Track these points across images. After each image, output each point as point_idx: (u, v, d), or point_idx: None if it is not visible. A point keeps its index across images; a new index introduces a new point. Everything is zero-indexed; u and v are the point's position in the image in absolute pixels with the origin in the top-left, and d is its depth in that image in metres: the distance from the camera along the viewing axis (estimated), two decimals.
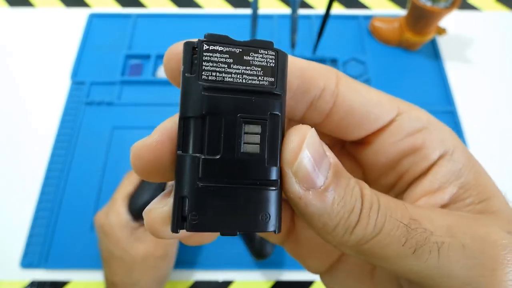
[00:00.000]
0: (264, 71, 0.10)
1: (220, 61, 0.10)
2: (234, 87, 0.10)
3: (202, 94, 0.09)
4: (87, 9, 0.63)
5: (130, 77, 0.54)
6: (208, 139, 0.09)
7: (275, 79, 0.10)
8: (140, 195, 0.37)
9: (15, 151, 0.50)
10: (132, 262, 0.35)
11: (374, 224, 0.10)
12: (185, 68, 0.10)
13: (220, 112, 0.09)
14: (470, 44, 0.60)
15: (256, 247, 0.38)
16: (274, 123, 0.10)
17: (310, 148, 0.10)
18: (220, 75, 0.10)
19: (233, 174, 0.09)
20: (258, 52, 0.10)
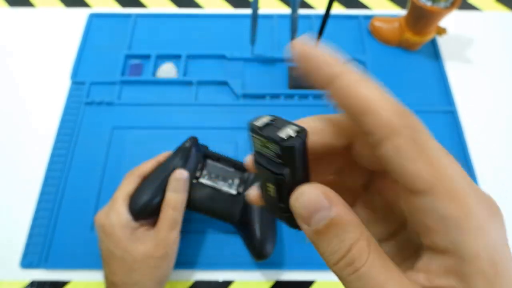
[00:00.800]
0: (277, 156, 0.14)
1: (257, 143, 0.15)
2: (262, 163, 0.15)
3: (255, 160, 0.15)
4: (87, 9, 0.63)
5: (130, 77, 0.54)
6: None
7: (282, 166, 0.14)
8: (140, 195, 0.37)
9: (15, 151, 0.50)
10: (133, 262, 0.35)
11: (347, 277, 0.13)
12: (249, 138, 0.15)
13: (259, 170, 0.16)
14: (470, 44, 0.60)
15: (256, 248, 0.38)
16: (280, 184, 0.15)
17: (309, 201, 0.13)
18: (259, 151, 0.15)
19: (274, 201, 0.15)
20: (271, 144, 0.14)
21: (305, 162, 0.14)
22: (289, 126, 0.14)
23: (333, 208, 0.13)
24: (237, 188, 0.41)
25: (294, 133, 0.14)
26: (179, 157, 0.39)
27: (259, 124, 0.14)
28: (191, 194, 0.39)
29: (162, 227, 0.36)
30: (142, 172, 0.39)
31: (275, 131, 0.14)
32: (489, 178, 0.48)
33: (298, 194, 0.14)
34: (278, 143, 0.13)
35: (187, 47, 0.57)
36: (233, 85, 0.53)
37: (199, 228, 0.45)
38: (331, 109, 0.16)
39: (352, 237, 0.13)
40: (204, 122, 0.51)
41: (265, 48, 0.58)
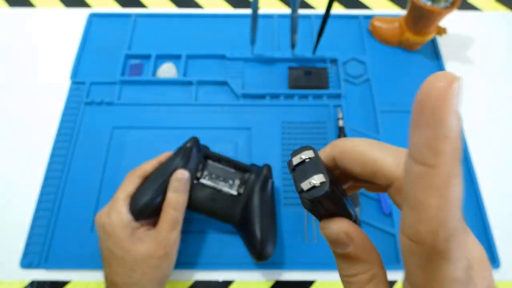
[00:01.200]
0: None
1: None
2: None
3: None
4: (87, 9, 0.63)
5: (130, 77, 0.54)
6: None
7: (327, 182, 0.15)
8: (141, 195, 0.37)
9: (15, 151, 0.50)
10: (133, 262, 0.35)
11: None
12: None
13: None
14: (470, 44, 0.60)
15: (257, 249, 0.38)
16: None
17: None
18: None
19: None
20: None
21: (328, 203, 0.15)
22: (317, 173, 0.15)
23: (352, 246, 0.15)
24: (237, 188, 0.41)
25: (318, 183, 0.15)
26: (180, 158, 0.39)
27: (295, 161, 0.16)
28: (192, 194, 0.39)
29: (162, 227, 0.36)
30: (143, 172, 0.39)
31: (302, 176, 0.15)
32: (489, 178, 0.48)
33: (324, 226, 0.16)
34: (298, 193, 0.15)
35: (187, 47, 0.57)
36: (233, 85, 0.53)
37: (199, 228, 0.45)
38: (331, 109, 0.17)
39: (362, 273, 0.15)
40: (204, 122, 0.51)
41: (265, 48, 0.58)
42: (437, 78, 0.10)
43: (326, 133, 0.50)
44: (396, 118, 0.52)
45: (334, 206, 0.16)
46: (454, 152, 0.10)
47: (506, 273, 0.43)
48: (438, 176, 0.10)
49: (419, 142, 0.11)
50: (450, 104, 0.10)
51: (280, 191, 0.47)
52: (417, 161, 0.11)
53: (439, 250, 0.11)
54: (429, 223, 0.11)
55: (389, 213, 0.45)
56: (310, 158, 0.16)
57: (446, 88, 0.10)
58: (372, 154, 0.16)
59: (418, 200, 0.11)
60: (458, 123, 0.10)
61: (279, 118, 0.51)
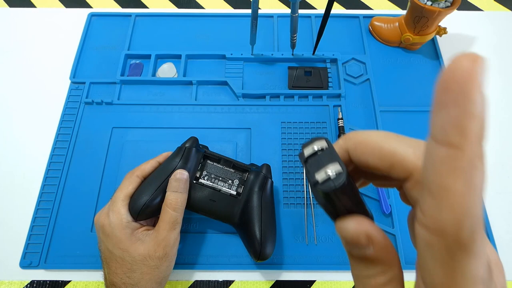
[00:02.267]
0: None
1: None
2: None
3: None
4: (87, 9, 0.63)
5: (130, 77, 0.54)
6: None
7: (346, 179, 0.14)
8: (140, 196, 0.37)
9: (15, 151, 0.50)
10: (132, 262, 0.35)
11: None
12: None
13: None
14: (470, 44, 0.60)
15: (256, 249, 0.38)
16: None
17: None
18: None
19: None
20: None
21: (345, 198, 0.14)
22: (332, 163, 0.14)
23: (371, 248, 0.14)
24: (237, 188, 0.41)
25: (334, 174, 0.13)
26: (179, 158, 0.39)
27: (307, 152, 0.15)
28: (191, 194, 0.39)
29: (162, 227, 0.36)
30: (142, 172, 0.39)
31: (316, 167, 0.14)
32: (489, 178, 0.48)
33: (341, 226, 0.14)
34: (312, 186, 0.14)
35: (187, 47, 0.57)
36: (233, 85, 0.53)
37: (199, 228, 0.45)
38: (331, 109, 0.17)
39: (380, 275, 0.14)
40: (204, 122, 0.51)
41: (265, 48, 0.58)
42: (463, 58, 0.10)
43: (326, 133, 0.50)
44: (396, 118, 0.52)
45: (351, 201, 0.14)
46: (480, 132, 0.10)
47: (506, 273, 0.43)
48: (464, 158, 0.10)
49: (444, 122, 0.10)
50: (477, 82, 0.10)
51: (280, 191, 0.47)
52: (442, 142, 0.10)
53: (463, 243, 0.10)
54: (453, 211, 0.10)
55: (389, 213, 0.45)
56: (323, 148, 0.14)
57: (472, 66, 0.10)
58: (390, 145, 0.15)
59: (442, 186, 0.10)
60: (484, 103, 0.10)
61: (279, 118, 0.51)
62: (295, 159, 0.49)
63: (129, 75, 0.55)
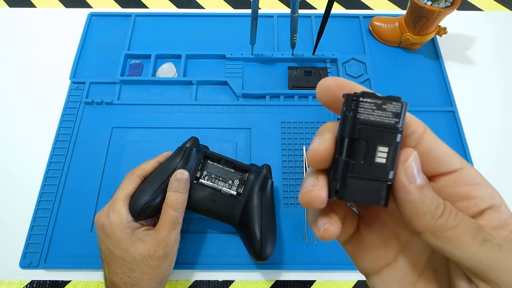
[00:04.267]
0: (393, 115, 0.16)
1: (368, 108, 0.16)
2: (375, 123, 0.16)
3: (356, 126, 0.16)
4: (87, 9, 0.63)
5: (130, 77, 0.54)
6: (358, 152, 0.16)
7: (399, 120, 0.16)
8: (141, 195, 0.37)
9: (15, 151, 0.50)
10: (133, 262, 0.35)
11: (453, 219, 0.15)
12: (346, 109, 0.16)
13: (366, 138, 0.16)
14: (470, 44, 0.60)
15: (256, 249, 0.38)
16: (396, 147, 0.16)
17: (415, 159, 0.15)
18: (367, 115, 0.16)
19: (369, 173, 0.16)
20: (391, 103, 0.16)
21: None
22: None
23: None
24: (237, 188, 0.41)
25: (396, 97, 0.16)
26: (180, 157, 0.39)
27: (361, 93, 0.16)
28: (192, 194, 0.39)
29: (162, 227, 0.36)
30: (142, 172, 0.39)
31: (379, 97, 0.16)
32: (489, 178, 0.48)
33: (414, 155, 0.16)
34: (400, 100, 0.15)
35: (187, 47, 0.57)
36: (233, 85, 0.53)
37: (199, 228, 0.45)
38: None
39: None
40: (204, 122, 0.51)
41: (265, 48, 0.58)
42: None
43: None
44: None
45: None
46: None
47: None
48: None
49: None
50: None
51: (280, 191, 0.47)
52: None
53: None
54: None
55: None
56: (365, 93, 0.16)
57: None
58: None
59: None
60: None
61: (279, 118, 0.51)
62: (295, 159, 0.49)
63: (129, 75, 0.55)
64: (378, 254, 0.18)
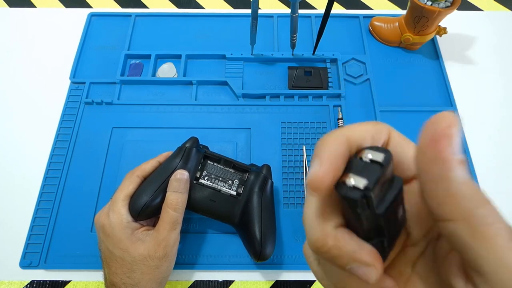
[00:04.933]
0: (392, 176, 0.15)
1: (380, 195, 0.14)
2: (391, 200, 0.14)
3: (380, 218, 0.14)
4: (87, 9, 0.63)
5: (130, 77, 0.54)
6: (387, 228, 0.15)
7: (398, 177, 0.15)
8: (141, 196, 0.37)
9: (15, 151, 0.50)
10: (132, 262, 0.35)
11: (494, 214, 0.13)
12: (361, 209, 0.14)
13: (391, 213, 0.15)
14: (470, 44, 0.60)
15: (256, 249, 0.38)
16: (402, 196, 0.15)
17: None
18: (384, 201, 0.14)
19: (396, 229, 0.16)
20: (388, 169, 0.14)
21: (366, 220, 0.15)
22: (368, 177, 0.14)
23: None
24: (237, 189, 0.41)
25: (362, 186, 0.13)
26: (180, 158, 0.39)
27: (362, 184, 0.13)
28: (191, 194, 0.39)
29: (162, 227, 0.36)
30: (142, 172, 0.39)
31: (371, 168, 0.14)
32: (489, 178, 0.48)
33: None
34: (390, 159, 0.14)
35: (187, 47, 0.57)
36: (233, 85, 0.53)
37: (199, 228, 0.45)
38: (331, 109, 0.17)
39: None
40: (204, 122, 0.51)
41: (265, 48, 0.58)
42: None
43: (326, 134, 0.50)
44: (396, 118, 0.52)
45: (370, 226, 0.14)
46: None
47: None
48: None
49: None
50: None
51: (280, 191, 0.47)
52: None
53: None
54: None
55: None
56: (378, 162, 0.14)
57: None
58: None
59: None
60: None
61: (279, 118, 0.51)
62: (295, 159, 0.49)
63: (129, 75, 0.55)
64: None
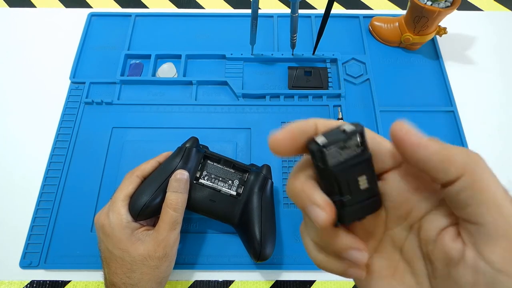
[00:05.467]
0: (356, 145, 0.16)
1: (334, 153, 0.16)
2: (347, 162, 0.16)
3: (333, 173, 0.16)
4: (87, 9, 0.63)
5: (130, 77, 0.54)
6: (342, 189, 0.17)
7: (364, 147, 0.17)
8: (140, 196, 0.37)
9: (15, 151, 0.50)
10: (132, 262, 0.35)
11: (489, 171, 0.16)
12: (316, 161, 0.17)
13: (345, 178, 0.17)
14: (470, 44, 0.60)
15: (256, 249, 0.38)
16: (371, 170, 0.17)
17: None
18: (337, 159, 0.16)
19: (359, 198, 0.17)
20: (351, 139, 0.16)
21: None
22: (340, 127, 0.17)
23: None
24: (236, 189, 0.41)
25: (351, 126, 0.16)
26: (180, 158, 0.39)
27: (321, 141, 0.16)
28: (191, 194, 0.39)
29: (162, 227, 0.36)
30: (142, 172, 0.39)
31: (338, 134, 0.16)
32: None
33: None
34: (355, 132, 0.16)
35: (187, 47, 0.57)
36: (233, 85, 0.53)
37: (199, 228, 0.45)
38: (331, 109, 0.17)
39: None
40: (204, 122, 0.51)
41: (265, 48, 0.58)
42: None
43: None
44: (396, 118, 0.51)
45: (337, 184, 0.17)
46: None
47: None
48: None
49: None
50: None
51: (280, 191, 0.47)
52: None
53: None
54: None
55: None
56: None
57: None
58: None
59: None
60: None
61: (279, 118, 0.51)
62: (295, 159, 0.49)
63: (129, 75, 0.55)
64: (390, 277, 0.19)
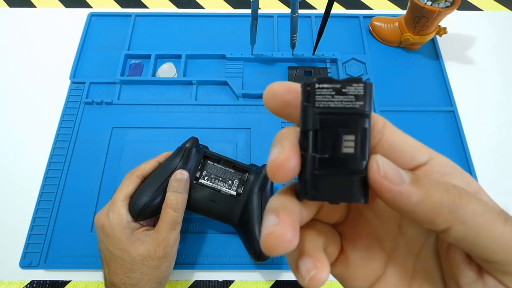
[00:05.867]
0: (356, 98, 0.14)
1: (326, 94, 0.14)
2: (337, 110, 0.14)
3: (316, 116, 0.14)
4: (87, 9, 0.63)
5: (130, 77, 0.54)
6: (321, 144, 0.14)
7: (364, 103, 0.14)
8: (140, 196, 0.37)
9: (15, 151, 0.50)
10: (132, 262, 0.35)
11: (477, 202, 0.13)
12: (303, 99, 0.15)
13: (329, 127, 0.14)
14: (470, 44, 0.60)
15: (256, 250, 0.38)
16: (363, 133, 0.14)
17: (381, 158, 0.14)
18: (327, 103, 0.14)
19: (338, 167, 0.14)
20: (351, 85, 0.14)
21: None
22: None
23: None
24: (236, 189, 0.41)
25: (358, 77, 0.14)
26: (180, 158, 0.39)
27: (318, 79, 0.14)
28: (191, 194, 0.39)
29: (162, 227, 0.36)
30: (142, 172, 0.39)
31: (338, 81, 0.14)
32: (489, 178, 0.48)
33: (377, 157, 0.14)
34: (361, 81, 0.14)
35: (187, 47, 0.57)
36: (233, 85, 0.53)
37: (199, 228, 0.45)
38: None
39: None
40: (204, 122, 0.51)
41: (265, 48, 0.58)
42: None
43: None
44: (396, 118, 0.51)
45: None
46: None
47: None
48: None
49: None
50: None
51: None
52: None
53: None
54: None
55: None
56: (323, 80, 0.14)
57: None
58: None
59: None
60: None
61: (279, 118, 0.51)
62: None
63: (129, 75, 0.55)
64: (366, 271, 0.17)
